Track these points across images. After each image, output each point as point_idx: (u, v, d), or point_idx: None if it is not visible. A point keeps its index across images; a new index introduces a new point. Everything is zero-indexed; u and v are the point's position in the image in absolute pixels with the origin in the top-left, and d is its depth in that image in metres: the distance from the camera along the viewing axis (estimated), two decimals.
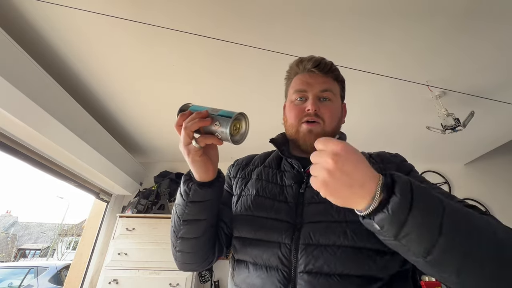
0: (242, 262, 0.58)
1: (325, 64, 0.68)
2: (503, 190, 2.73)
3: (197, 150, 0.52)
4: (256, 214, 0.59)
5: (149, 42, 1.48)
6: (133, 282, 2.08)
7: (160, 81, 1.79)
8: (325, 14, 1.30)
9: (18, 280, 4.35)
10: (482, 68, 1.61)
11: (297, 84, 0.68)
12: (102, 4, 1.27)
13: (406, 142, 2.52)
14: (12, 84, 1.27)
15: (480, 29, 1.36)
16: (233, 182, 0.71)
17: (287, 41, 1.45)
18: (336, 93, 0.68)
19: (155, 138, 2.57)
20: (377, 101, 1.96)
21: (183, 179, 0.56)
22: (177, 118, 0.54)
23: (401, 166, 0.63)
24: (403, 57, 1.54)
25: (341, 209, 0.52)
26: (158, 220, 2.35)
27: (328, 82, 0.67)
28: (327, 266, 0.48)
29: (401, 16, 1.30)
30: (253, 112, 2.11)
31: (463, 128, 1.65)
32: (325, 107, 0.64)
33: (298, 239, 0.52)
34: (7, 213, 17.53)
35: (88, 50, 1.55)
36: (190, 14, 1.32)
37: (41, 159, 1.89)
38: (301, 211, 0.56)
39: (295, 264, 0.50)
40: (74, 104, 1.76)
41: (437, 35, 1.40)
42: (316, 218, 0.54)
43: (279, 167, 0.68)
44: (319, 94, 0.65)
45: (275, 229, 0.55)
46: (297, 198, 0.58)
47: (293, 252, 0.51)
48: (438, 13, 1.28)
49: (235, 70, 1.68)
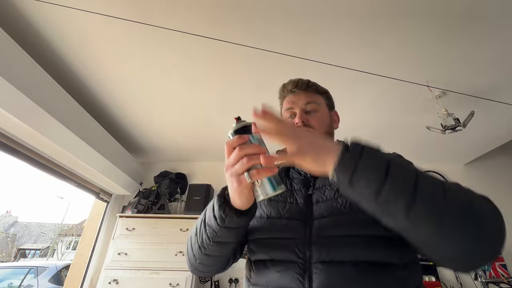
0: (260, 261, 0.62)
1: (302, 83, 0.76)
2: (503, 190, 2.73)
3: (248, 183, 0.49)
4: (269, 215, 0.65)
5: (149, 42, 1.48)
6: (133, 282, 2.08)
7: (160, 81, 1.79)
8: (325, 15, 1.30)
9: (18, 280, 4.35)
10: (482, 69, 1.61)
11: (286, 104, 0.77)
12: (102, 4, 1.27)
13: (406, 142, 2.52)
14: (12, 84, 1.27)
15: (480, 29, 1.36)
16: None
17: (286, 41, 1.45)
18: (320, 103, 0.76)
19: (155, 138, 2.57)
20: (377, 102, 1.96)
21: (218, 202, 0.55)
22: (232, 137, 0.50)
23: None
24: (403, 57, 1.54)
25: (345, 202, 0.58)
26: (158, 220, 2.35)
27: (310, 96, 0.75)
28: (339, 255, 0.52)
29: (401, 16, 1.30)
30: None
31: (463, 128, 1.65)
32: (312, 117, 0.72)
33: (310, 233, 0.57)
34: (7, 213, 17.53)
35: (88, 50, 1.55)
36: (190, 14, 1.32)
37: (41, 159, 1.89)
38: (310, 209, 0.61)
39: (310, 255, 0.55)
40: (74, 104, 1.76)
41: (437, 36, 1.40)
42: (325, 213, 0.59)
43: (288, 175, 0.75)
44: (303, 107, 0.73)
45: (288, 228, 0.60)
46: (306, 199, 0.64)
47: (307, 245, 0.56)
48: (438, 13, 1.28)
49: (235, 70, 1.68)
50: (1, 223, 16.53)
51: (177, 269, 2.11)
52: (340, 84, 1.75)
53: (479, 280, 2.19)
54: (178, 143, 2.64)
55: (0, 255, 14.08)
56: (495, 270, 2.32)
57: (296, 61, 1.54)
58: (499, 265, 2.36)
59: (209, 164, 3.04)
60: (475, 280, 2.22)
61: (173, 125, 2.33)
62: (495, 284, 2.16)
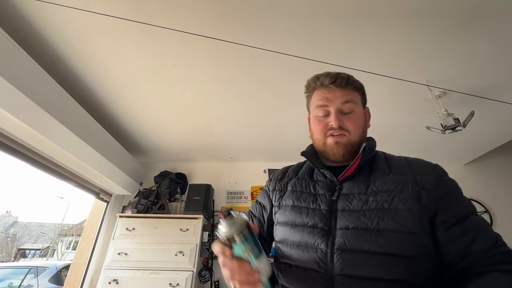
0: (286, 264, 0.64)
1: (341, 79, 0.69)
2: (503, 190, 2.73)
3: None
4: (294, 223, 0.65)
5: (149, 42, 1.48)
6: (133, 282, 2.08)
7: (160, 81, 1.79)
8: (325, 15, 1.30)
9: (18, 280, 4.34)
10: (482, 68, 1.61)
11: (318, 100, 0.70)
12: (103, 4, 1.27)
13: (406, 142, 2.52)
14: (12, 84, 1.27)
15: (480, 29, 1.36)
16: (272, 196, 0.77)
17: (286, 41, 1.45)
18: (357, 102, 0.70)
19: (155, 138, 2.57)
20: (377, 101, 1.96)
21: None
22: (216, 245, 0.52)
23: (441, 182, 0.60)
24: (403, 57, 1.54)
25: (374, 217, 0.56)
26: (158, 220, 2.35)
27: (347, 94, 0.68)
28: (361, 271, 0.53)
29: (401, 16, 1.30)
30: (253, 111, 2.11)
31: (463, 128, 1.65)
32: (348, 119, 0.66)
33: (333, 244, 0.57)
34: (7, 213, 17.51)
35: (89, 50, 1.55)
36: (190, 14, 1.32)
37: (41, 159, 1.89)
38: (335, 217, 0.60)
39: (331, 267, 0.55)
40: (74, 104, 1.75)
41: (437, 36, 1.40)
42: (350, 225, 0.57)
43: (312, 177, 0.72)
44: (340, 107, 0.67)
45: (312, 235, 0.60)
46: (330, 206, 0.62)
47: (329, 256, 0.56)
48: (438, 13, 1.28)
49: (235, 70, 1.68)
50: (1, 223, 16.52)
51: (177, 269, 2.11)
52: None
53: None
54: (178, 143, 2.64)
55: (0, 255, 14.07)
56: None
57: (297, 60, 1.54)
58: None
59: (209, 164, 3.05)
60: None
61: (173, 125, 2.33)
62: None
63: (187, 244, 2.22)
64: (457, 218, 0.55)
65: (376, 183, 0.61)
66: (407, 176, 0.61)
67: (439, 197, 0.57)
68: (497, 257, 0.50)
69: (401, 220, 0.54)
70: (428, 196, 0.57)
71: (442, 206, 0.56)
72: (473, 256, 0.51)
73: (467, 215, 0.56)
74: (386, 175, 0.62)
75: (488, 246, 0.51)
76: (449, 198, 0.58)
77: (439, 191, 0.58)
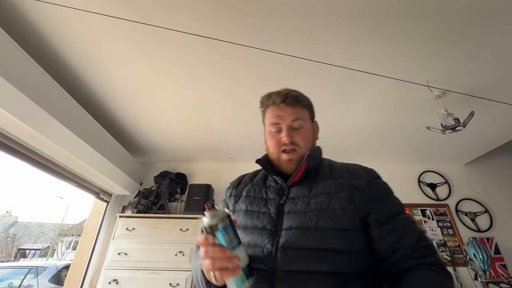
0: None
1: (291, 98, 0.75)
2: (502, 190, 2.73)
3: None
4: (246, 226, 0.69)
5: (149, 42, 1.48)
6: (133, 282, 2.08)
7: (160, 81, 1.79)
8: (326, 15, 1.30)
9: (18, 280, 4.34)
10: (482, 68, 1.61)
11: (271, 117, 0.77)
12: (103, 4, 1.27)
13: (406, 142, 2.52)
14: (12, 84, 1.27)
15: (480, 29, 1.36)
16: (228, 201, 0.83)
17: (286, 42, 1.45)
18: (305, 118, 0.77)
19: (155, 138, 2.57)
20: (377, 102, 1.96)
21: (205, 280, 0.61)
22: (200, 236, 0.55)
23: (372, 184, 0.68)
24: (403, 57, 1.54)
25: (313, 217, 0.62)
26: (158, 220, 2.35)
27: (296, 111, 0.75)
28: (299, 265, 0.58)
29: (401, 17, 1.30)
30: (252, 111, 2.11)
31: (463, 128, 1.65)
32: (298, 135, 0.74)
33: (278, 243, 0.62)
34: (7, 213, 17.52)
35: (88, 50, 1.55)
36: (190, 14, 1.32)
37: (41, 159, 1.89)
38: (281, 220, 0.66)
39: (275, 264, 0.59)
40: (74, 104, 1.75)
41: (437, 36, 1.40)
42: (293, 225, 0.63)
43: (265, 183, 0.79)
44: (290, 124, 0.74)
45: (260, 236, 0.65)
46: (278, 209, 0.68)
47: (273, 254, 0.61)
48: (438, 13, 1.28)
49: (235, 70, 1.68)
50: (1, 223, 16.53)
51: (177, 269, 2.11)
52: (340, 84, 1.76)
53: (479, 280, 2.18)
54: (178, 143, 2.64)
55: (0, 255, 14.08)
56: (495, 270, 2.32)
57: (297, 60, 1.54)
58: (499, 265, 2.36)
59: (209, 164, 3.05)
60: (475, 280, 2.22)
61: (173, 125, 2.33)
62: (495, 284, 2.16)
63: (187, 244, 2.22)
64: (387, 217, 0.63)
65: (318, 187, 0.69)
66: (344, 179, 0.69)
67: (370, 198, 0.65)
68: (421, 251, 0.59)
69: (336, 218, 0.61)
70: (361, 197, 0.64)
71: (374, 207, 0.64)
72: (402, 250, 0.59)
73: (396, 214, 0.64)
74: (327, 179, 0.70)
75: (413, 241, 0.60)
76: (380, 199, 0.66)
77: (370, 193, 0.66)
